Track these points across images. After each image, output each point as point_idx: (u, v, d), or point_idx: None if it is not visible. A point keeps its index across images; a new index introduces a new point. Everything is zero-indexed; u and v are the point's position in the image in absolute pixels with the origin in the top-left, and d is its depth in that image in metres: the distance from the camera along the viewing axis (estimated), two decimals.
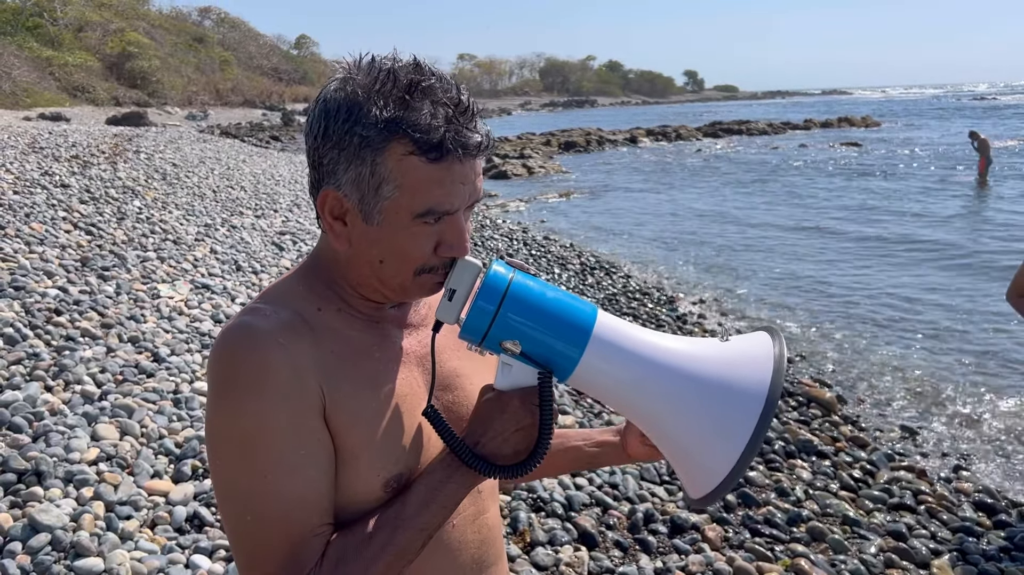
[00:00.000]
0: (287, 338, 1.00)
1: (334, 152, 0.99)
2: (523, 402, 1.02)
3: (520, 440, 1.02)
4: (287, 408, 0.97)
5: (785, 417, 5.54)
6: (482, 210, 14.85)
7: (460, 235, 1.03)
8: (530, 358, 1.00)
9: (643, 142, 35.64)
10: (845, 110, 57.97)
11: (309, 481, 0.98)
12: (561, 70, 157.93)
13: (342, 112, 0.98)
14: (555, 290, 1.02)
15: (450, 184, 0.98)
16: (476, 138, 0.99)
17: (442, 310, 1.03)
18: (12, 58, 29.31)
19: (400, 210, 0.99)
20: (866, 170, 22.70)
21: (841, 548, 3.79)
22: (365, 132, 0.96)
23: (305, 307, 1.06)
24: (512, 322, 0.98)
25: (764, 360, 0.98)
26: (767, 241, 12.82)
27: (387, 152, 0.96)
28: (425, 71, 1.00)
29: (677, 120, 48.31)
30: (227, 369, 0.99)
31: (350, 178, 0.99)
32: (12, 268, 5.61)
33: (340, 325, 1.07)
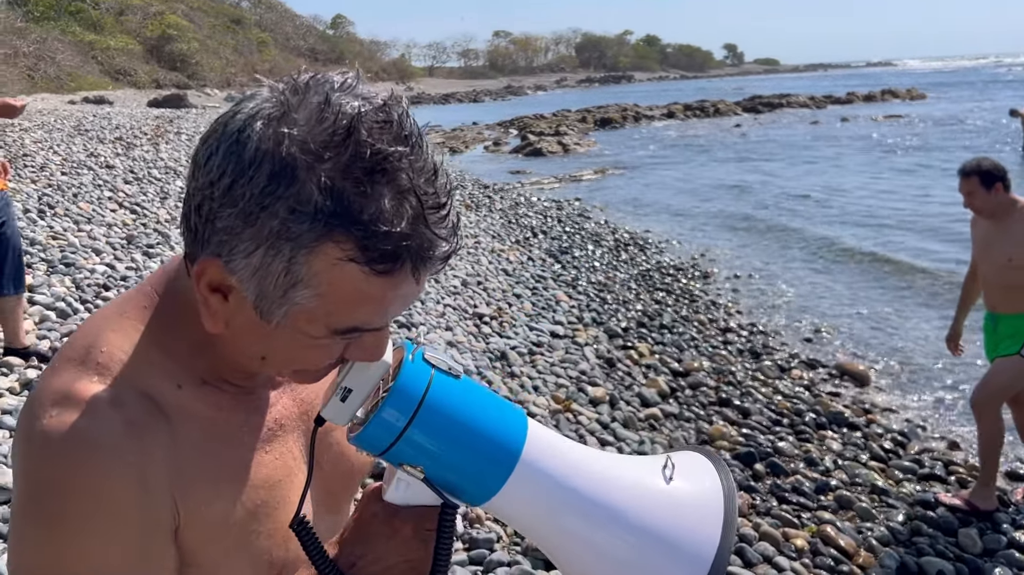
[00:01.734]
0: (135, 449, 0.74)
1: (236, 222, 0.69)
2: (416, 531, 0.82)
3: (406, 571, 0.83)
4: (131, 539, 0.74)
5: (817, 389, 5.57)
6: (516, 187, 14.91)
7: (380, 345, 0.79)
8: (434, 487, 0.80)
9: (680, 117, 35.33)
10: (890, 82, 56.76)
11: None
12: (597, 45, 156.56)
13: (263, 172, 0.68)
14: (481, 397, 0.83)
15: (391, 302, 0.73)
16: (443, 247, 0.72)
17: (332, 410, 0.80)
18: (56, 43, 29.92)
19: (313, 321, 0.73)
20: (907, 144, 22.28)
21: (868, 516, 3.84)
22: (293, 221, 0.67)
23: (161, 386, 0.79)
24: (420, 445, 0.78)
25: (713, 514, 0.83)
26: (802, 216, 12.71)
27: (317, 252, 0.68)
28: (396, 126, 0.70)
29: (716, 95, 47.71)
30: (48, 488, 0.72)
31: (252, 265, 0.70)
32: (62, 246, 5.83)
33: (203, 405, 0.81)
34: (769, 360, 6.12)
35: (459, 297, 6.67)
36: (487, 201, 12.32)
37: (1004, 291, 3.94)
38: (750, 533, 3.56)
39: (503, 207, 11.93)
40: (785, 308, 7.81)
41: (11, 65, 24.90)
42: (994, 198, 3.86)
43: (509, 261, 8.44)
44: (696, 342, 6.41)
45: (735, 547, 3.44)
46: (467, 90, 79.76)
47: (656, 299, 7.65)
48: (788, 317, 7.52)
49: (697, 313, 7.28)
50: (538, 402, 4.69)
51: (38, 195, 7.13)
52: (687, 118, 35.38)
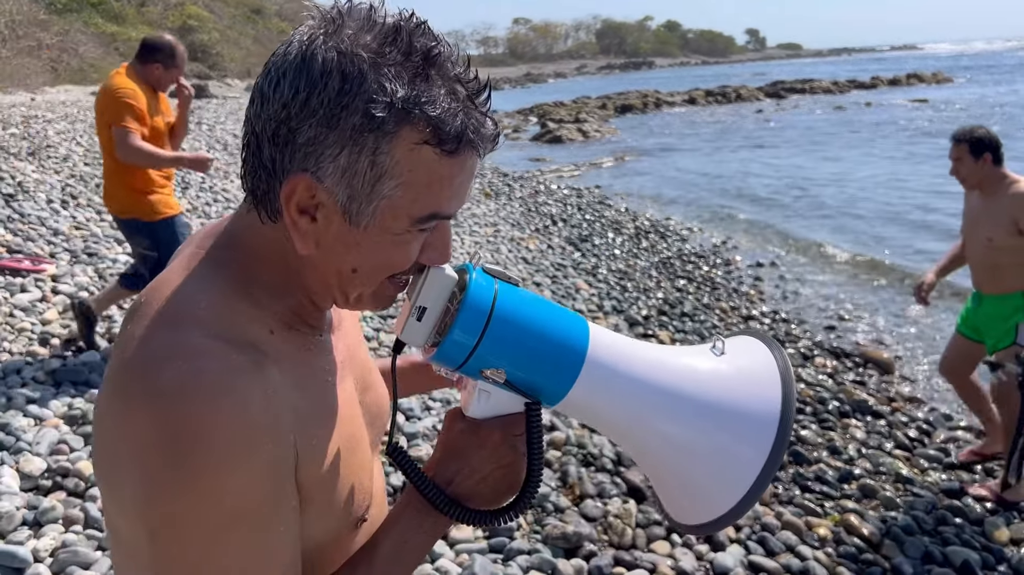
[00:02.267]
0: (261, 389, 0.77)
1: (319, 130, 0.75)
2: (505, 435, 0.87)
3: (501, 479, 0.88)
4: (268, 476, 0.76)
5: (841, 378, 5.51)
6: (536, 175, 14.86)
7: (446, 244, 0.86)
8: (515, 387, 0.85)
9: (702, 103, 35.03)
10: (914, 66, 55.94)
11: (287, 559, 0.81)
12: (618, 31, 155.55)
13: (335, 78, 0.74)
14: (542, 304, 0.88)
15: (459, 184, 0.81)
16: (492, 128, 0.82)
17: (410, 332, 0.85)
18: (79, 34, 30.14)
19: (398, 213, 0.79)
20: (931, 130, 21.97)
21: (893, 505, 3.79)
22: (373, 110, 0.74)
23: (256, 332, 0.81)
24: (497, 351, 0.83)
25: (770, 380, 0.87)
26: (827, 203, 12.58)
27: (397, 139, 0.75)
28: (427, 27, 0.80)
29: (737, 80, 47.26)
30: (181, 437, 0.72)
31: (339, 167, 0.76)
32: (85, 236, 5.88)
33: (293, 348, 0.85)
34: (792, 348, 6.07)
35: None
36: (506, 189, 12.28)
37: (987, 270, 3.91)
38: (772, 522, 3.53)
39: (522, 195, 11.89)
40: (808, 295, 7.74)
41: (35, 57, 25.09)
42: (980, 168, 3.79)
43: (528, 250, 8.41)
44: (718, 330, 6.35)
45: (758, 536, 3.42)
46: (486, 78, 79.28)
47: (677, 287, 7.59)
48: (811, 305, 7.45)
49: (719, 300, 7.22)
50: None
51: (61, 185, 7.19)
52: (708, 104, 35.08)
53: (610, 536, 3.32)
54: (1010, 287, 3.81)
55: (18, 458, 3.07)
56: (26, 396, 3.52)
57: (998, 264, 3.82)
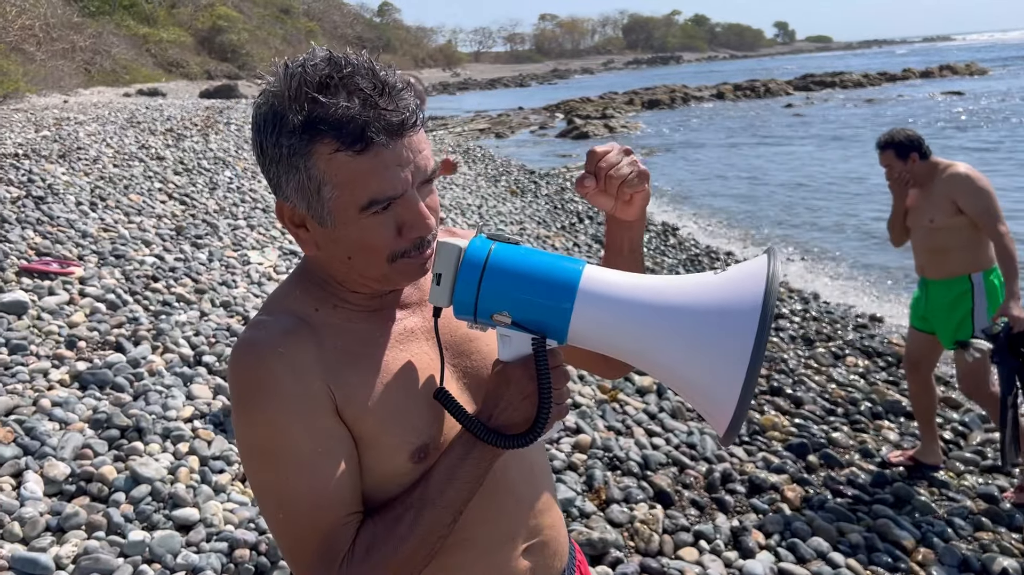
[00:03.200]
0: (288, 346, 1.03)
1: (273, 167, 1.00)
2: (525, 370, 1.03)
3: (528, 408, 1.04)
4: (296, 413, 1.01)
5: (873, 377, 5.40)
6: (562, 172, 14.79)
7: (416, 214, 1.02)
8: (522, 326, 1.00)
9: (730, 98, 34.69)
10: (948, 57, 54.99)
11: (328, 477, 1.02)
12: (645, 26, 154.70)
13: (267, 125, 0.98)
14: (539, 254, 1.02)
15: (384, 171, 0.97)
16: (397, 117, 0.97)
17: (433, 295, 1.03)
18: (111, 36, 30.52)
19: (345, 207, 0.99)
20: (969, 123, 21.54)
21: (927, 510, 3.69)
22: (288, 140, 0.97)
23: (303, 309, 1.08)
24: (496, 294, 0.99)
25: (757, 276, 0.94)
26: (854, 201, 12.37)
27: (314, 155, 0.96)
28: (338, 63, 0.97)
29: (766, 74, 46.74)
30: (238, 385, 1.03)
31: (293, 188, 1.00)
32: (113, 238, 5.92)
33: (339, 320, 1.09)
34: (823, 347, 5.96)
35: None
36: (532, 187, 12.24)
37: (930, 255, 3.94)
38: (803, 528, 3.46)
39: (548, 192, 11.84)
40: (838, 293, 7.61)
41: (69, 60, 25.44)
42: (911, 168, 3.87)
43: (555, 247, 8.36)
44: None
45: (788, 543, 3.34)
46: (513, 75, 79.40)
47: None
48: (841, 303, 7.32)
49: None
50: (584, 392, 4.62)
51: (91, 187, 7.26)
52: (737, 98, 34.74)
53: (636, 542, 3.26)
54: (954, 271, 3.83)
55: (43, 463, 3.08)
56: (52, 399, 3.54)
57: (941, 247, 3.85)
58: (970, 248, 3.78)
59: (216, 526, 2.94)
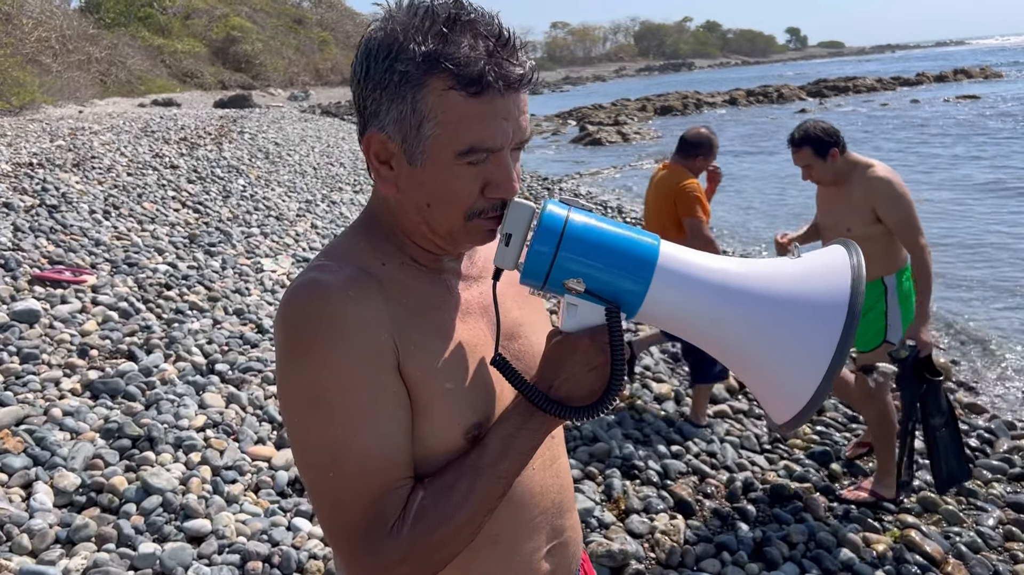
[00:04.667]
0: (356, 292, 0.98)
1: (376, 93, 0.98)
2: (593, 341, 1.00)
3: (594, 380, 1.00)
4: (360, 362, 0.96)
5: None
6: (575, 179, 14.72)
7: (507, 174, 1.00)
8: (596, 295, 0.97)
9: (743, 104, 34.54)
10: (962, 61, 54.62)
11: (387, 435, 0.97)
12: (656, 33, 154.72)
13: (382, 51, 0.96)
14: (614, 223, 0.99)
15: (491, 120, 0.96)
16: (518, 71, 0.97)
17: (500, 256, 1.00)
18: (127, 48, 30.75)
19: (442, 149, 0.97)
20: (984, 127, 21.34)
21: (956, 520, 3.59)
22: (404, 68, 0.94)
23: (369, 262, 1.05)
24: (573, 261, 0.95)
25: (841, 270, 0.92)
26: None
27: (426, 88, 0.94)
28: (465, 6, 0.97)
29: (779, 80, 46.56)
30: (298, 326, 0.97)
31: (392, 118, 0.97)
32: (126, 246, 5.91)
33: (405, 278, 1.06)
34: None
35: None
36: (545, 194, 12.18)
37: None
38: (828, 538, 3.37)
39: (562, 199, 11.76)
40: None
41: (85, 71, 25.62)
42: (832, 165, 3.55)
43: None
44: None
45: (813, 554, 3.26)
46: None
47: None
48: None
49: None
50: None
51: (104, 196, 7.25)
52: (750, 104, 34.57)
53: (657, 554, 3.18)
54: (871, 275, 3.59)
55: (52, 473, 3.04)
56: (63, 409, 3.50)
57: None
58: (885, 254, 3.53)
59: (228, 538, 2.88)
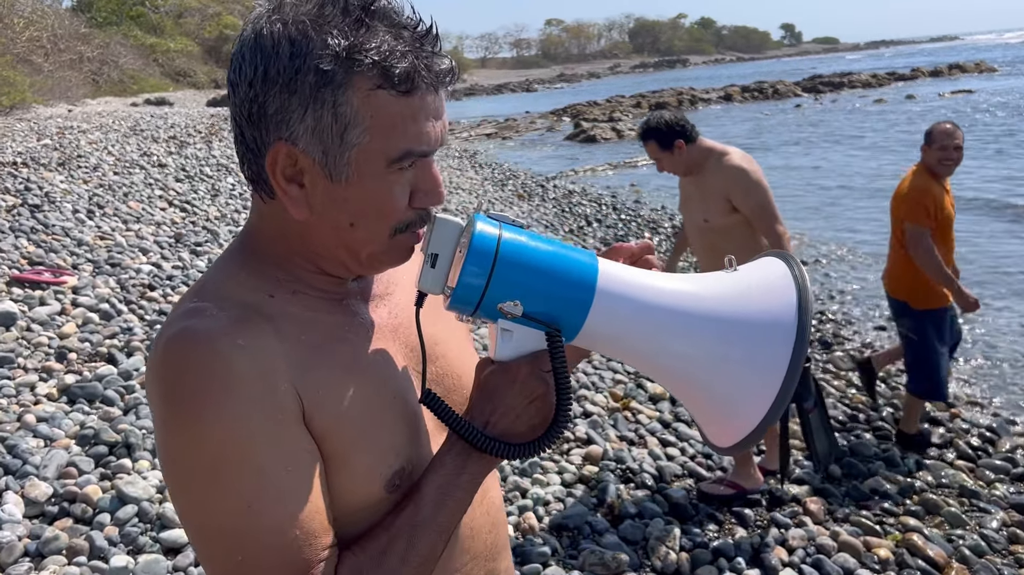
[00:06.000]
0: (246, 337, 0.83)
1: (283, 97, 0.81)
2: (533, 370, 0.89)
3: (535, 413, 0.90)
4: (261, 419, 0.81)
5: (894, 382, 5.20)
6: (569, 175, 14.62)
7: (435, 181, 0.89)
8: (534, 319, 0.88)
9: (738, 100, 34.46)
10: (956, 57, 54.61)
11: (301, 502, 0.82)
12: (651, 30, 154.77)
13: (284, 46, 0.80)
14: (549, 242, 0.90)
15: (423, 120, 0.85)
16: (445, 64, 0.86)
17: (425, 279, 0.89)
18: (119, 47, 30.57)
19: (373, 157, 0.84)
20: (980, 120, 21.28)
21: (958, 522, 3.50)
22: (321, 66, 0.80)
23: (253, 296, 0.88)
24: (508, 284, 0.86)
25: (783, 285, 0.87)
26: (873, 197, 12.17)
27: (351, 88, 0.81)
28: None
29: (774, 76, 46.49)
30: (179, 388, 0.80)
31: (307, 127, 0.82)
32: (109, 246, 5.79)
33: (300, 310, 0.90)
34: (841, 351, 5.77)
35: None
36: (540, 191, 12.08)
37: (707, 254, 3.55)
38: (828, 543, 3.27)
39: (556, 196, 11.68)
40: (855, 295, 7.41)
41: (77, 70, 25.45)
42: (680, 157, 3.43)
43: None
44: None
45: (812, 559, 3.16)
46: (520, 80, 79.39)
47: None
48: (859, 304, 7.12)
49: None
50: (596, 399, 4.44)
51: (88, 195, 7.13)
52: (745, 101, 34.49)
53: (652, 561, 3.08)
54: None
55: (24, 482, 2.93)
56: (37, 415, 3.38)
57: (716, 246, 3.46)
58: (747, 246, 3.36)
59: None
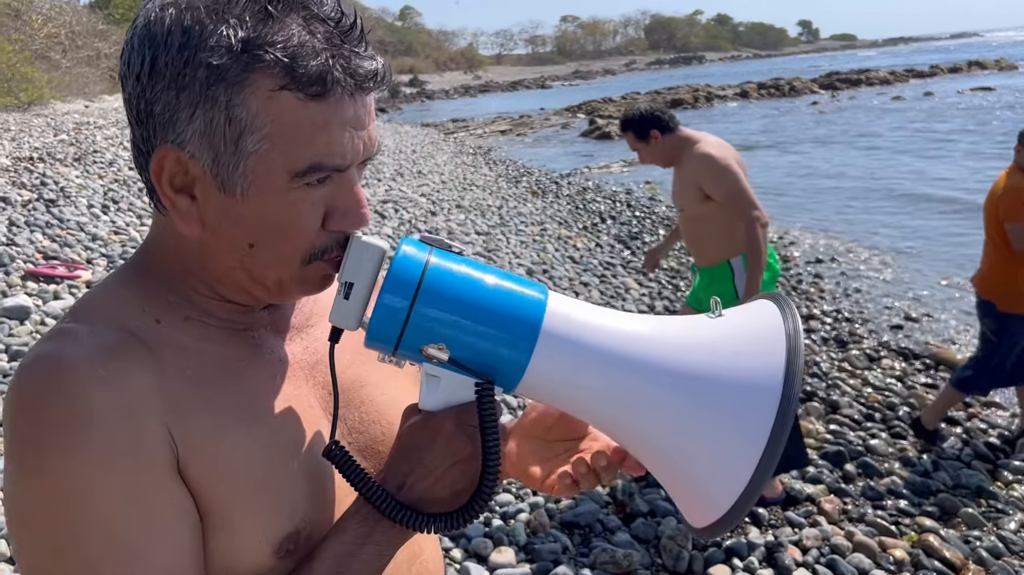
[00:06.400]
0: (112, 368, 0.70)
1: (169, 94, 0.70)
2: (459, 425, 0.76)
3: (459, 477, 0.76)
4: (118, 467, 0.68)
5: (911, 381, 5.15)
6: (583, 172, 14.59)
7: (355, 200, 0.76)
8: (462, 365, 0.74)
9: (754, 97, 34.29)
10: (976, 54, 54.10)
11: (163, 566, 0.69)
12: (667, 27, 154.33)
13: (175, 36, 0.69)
14: (488, 271, 0.77)
15: (338, 129, 0.72)
16: (369, 64, 0.73)
17: (338, 312, 0.76)
18: None
19: (273, 169, 0.71)
20: (999, 119, 21.07)
21: (976, 523, 3.45)
22: (213, 60, 0.68)
23: (137, 320, 0.76)
24: (433, 321, 0.73)
25: (772, 339, 0.73)
26: (890, 196, 12.06)
27: (248, 88, 0.69)
28: None
29: (791, 73, 46.22)
30: (30, 422, 0.68)
31: (196, 130, 0.70)
32: (123, 240, 5.82)
33: (190, 339, 0.78)
34: (856, 349, 5.71)
35: None
36: (553, 187, 12.05)
37: (692, 242, 3.64)
38: (842, 543, 3.23)
39: (570, 193, 11.65)
40: (872, 293, 7.34)
41: (94, 67, 25.63)
42: (657, 147, 3.48)
43: (576, 248, 8.17)
44: None
45: (827, 560, 3.12)
46: (535, 77, 79.30)
47: None
48: (875, 303, 7.06)
49: None
50: None
51: (104, 190, 7.17)
52: (761, 97, 34.30)
53: (664, 560, 3.05)
54: (714, 258, 3.52)
55: None
56: None
57: (698, 235, 3.54)
58: (727, 233, 3.42)
59: None
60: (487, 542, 3.06)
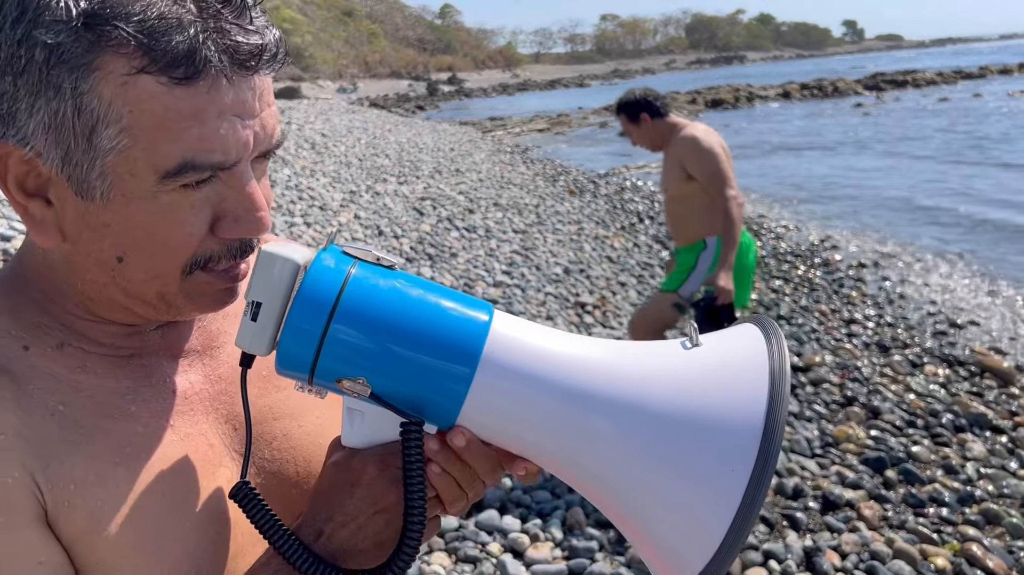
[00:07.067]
0: None
1: (5, 80, 0.58)
2: (384, 468, 0.65)
3: (384, 526, 0.66)
4: None
5: (955, 388, 5.06)
6: (622, 172, 14.53)
7: (250, 201, 0.64)
8: (386, 403, 0.63)
9: (797, 97, 33.86)
10: None
11: None
12: (708, 26, 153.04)
13: (10, 8, 0.57)
14: (424, 287, 0.65)
15: (215, 119, 0.59)
16: (253, 39, 0.61)
17: (245, 335, 0.64)
18: None
19: (136, 169, 0.59)
20: None
21: (1020, 533, 3.39)
22: (51, 39, 0.56)
23: (2, 345, 0.65)
24: (351, 347, 0.62)
25: (753, 374, 0.63)
26: (936, 204, 11.85)
27: (98, 72, 0.56)
28: None
29: (834, 73, 45.57)
30: None
31: (41, 123, 0.58)
32: None
33: (65, 369, 0.66)
34: (899, 355, 5.63)
35: (560, 285, 6.46)
36: (591, 187, 12.03)
37: (674, 223, 3.83)
38: (882, 549, 3.20)
39: (608, 192, 11.61)
40: (915, 298, 7.22)
41: None
42: (646, 130, 3.70)
43: (613, 248, 8.15)
44: (817, 334, 5.97)
45: (866, 566, 3.09)
46: (573, 75, 79.06)
47: (773, 287, 7.20)
48: (919, 307, 6.95)
49: (818, 303, 6.80)
50: None
51: None
52: (804, 98, 33.86)
53: None
54: (694, 236, 3.69)
55: None
56: None
57: (680, 216, 3.73)
58: (707, 213, 3.59)
59: None
60: (524, 537, 3.08)
